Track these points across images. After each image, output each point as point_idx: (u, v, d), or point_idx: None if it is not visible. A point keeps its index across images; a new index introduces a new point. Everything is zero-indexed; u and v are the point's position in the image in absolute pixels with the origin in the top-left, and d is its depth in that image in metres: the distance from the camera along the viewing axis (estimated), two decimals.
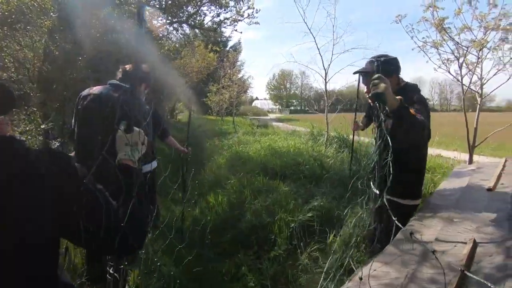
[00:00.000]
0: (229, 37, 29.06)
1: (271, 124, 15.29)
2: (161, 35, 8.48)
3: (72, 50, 4.04)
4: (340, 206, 3.25)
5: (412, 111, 1.43)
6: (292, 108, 65.16)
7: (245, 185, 4.05)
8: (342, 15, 6.62)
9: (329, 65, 5.52)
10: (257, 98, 71.51)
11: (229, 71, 12.47)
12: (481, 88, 3.27)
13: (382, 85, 1.26)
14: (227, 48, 27.12)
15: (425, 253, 1.23)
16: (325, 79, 5.55)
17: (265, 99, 72.94)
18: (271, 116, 39.24)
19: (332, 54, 5.51)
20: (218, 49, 9.71)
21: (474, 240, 1.21)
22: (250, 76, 44.13)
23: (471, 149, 3.31)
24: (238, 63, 23.61)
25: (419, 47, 3.51)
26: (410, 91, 1.62)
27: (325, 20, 5.65)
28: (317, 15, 5.93)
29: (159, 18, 7.58)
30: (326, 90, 5.67)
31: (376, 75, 1.31)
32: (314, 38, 5.59)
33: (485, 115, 3.29)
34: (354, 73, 1.79)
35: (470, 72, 3.27)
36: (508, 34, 2.97)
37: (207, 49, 12.10)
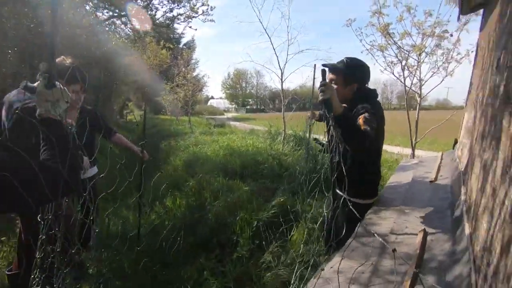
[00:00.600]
0: (182, 34, 28.22)
1: (228, 123, 15.22)
2: (107, 29, 7.88)
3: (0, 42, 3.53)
4: (299, 202, 3.35)
5: (361, 119, 1.45)
6: (248, 107, 65.60)
7: (205, 187, 3.96)
8: (295, 16, 6.81)
9: (284, 65, 5.65)
10: (212, 97, 70.63)
11: (183, 69, 12.01)
12: (420, 89, 3.63)
13: (328, 91, 1.31)
14: (181, 46, 26.29)
15: (384, 245, 1.30)
16: (281, 79, 5.67)
17: (221, 98, 72.31)
18: (228, 115, 39.06)
19: (287, 54, 5.65)
20: (171, 46, 9.29)
21: (425, 230, 1.32)
22: (205, 74, 43.35)
23: (414, 145, 3.66)
24: (193, 61, 22.97)
25: (367, 50, 3.78)
26: (365, 98, 1.64)
27: (280, 21, 5.76)
28: (272, 15, 6.02)
29: (105, 11, 7.04)
30: (282, 89, 5.79)
31: (322, 82, 1.34)
32: (270, 38, 5.68)
33: (420, 113, 3.69)
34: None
35: (412, 75, 3.62)
36: (441, 40, 3.34)
37: (159, 45, 11.55)
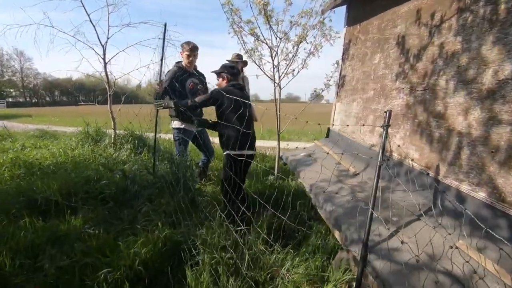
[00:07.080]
0: None
1: None
2: None
3: None
4: (184, 225, 2.45)
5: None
6: (10, 100, 48.58)
7: None
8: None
9: (107, 40, 4.07)
10: None
11: None
12: (280, 80, 3.64)
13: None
14: None
15: None
16: (104, 59, 4.06)
17: None
18: None
19: (109, 26, 4.11)
20: None
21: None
22: None
23: (279, 136, 3.66)
24: None
25: (234, 31, 3.30)
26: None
27: None
28: None
29: None
30: (106, 73, 4.16)
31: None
32: None
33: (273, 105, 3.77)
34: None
35: (275, 68, 3.54)
36: (308, 31, 3.43)
37: None
